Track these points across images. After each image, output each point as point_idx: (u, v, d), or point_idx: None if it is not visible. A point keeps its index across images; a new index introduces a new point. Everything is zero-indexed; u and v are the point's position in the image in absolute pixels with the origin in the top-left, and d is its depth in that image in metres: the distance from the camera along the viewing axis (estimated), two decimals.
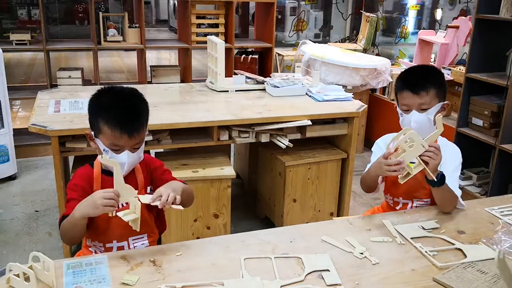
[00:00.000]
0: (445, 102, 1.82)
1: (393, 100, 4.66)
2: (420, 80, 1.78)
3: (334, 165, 3.03)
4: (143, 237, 1.67)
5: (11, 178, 3.82)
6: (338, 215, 3.12)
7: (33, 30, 4.49)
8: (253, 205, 3.45)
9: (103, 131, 1.54)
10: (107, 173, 1.61)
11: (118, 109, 1.55)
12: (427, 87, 1.76)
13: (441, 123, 1.66)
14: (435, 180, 1.64)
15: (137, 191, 1.50)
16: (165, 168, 1.76)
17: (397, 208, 1.92)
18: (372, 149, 1.96)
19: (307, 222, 2.94)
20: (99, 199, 1.41)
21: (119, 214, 1.45)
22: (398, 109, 1.85)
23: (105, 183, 1.60)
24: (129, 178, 1.62)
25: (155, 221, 1.74)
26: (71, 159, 2.92)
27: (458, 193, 1.77)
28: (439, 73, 1.89)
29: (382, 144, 1.90)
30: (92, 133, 1.59)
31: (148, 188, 1.71)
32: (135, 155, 1.58)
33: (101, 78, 4.52)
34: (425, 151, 1.62)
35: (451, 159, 1.80)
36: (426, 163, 1.62)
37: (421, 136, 1.64)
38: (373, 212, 2.09)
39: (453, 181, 1.76)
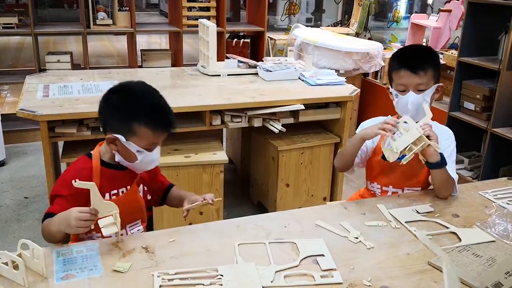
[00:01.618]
0: (440, 84, 1.78)
1: (385, 84, 4.65)
2: (419, 59, 1.73)
3: (327, 150, 3.01)
4: (138, 223, 1.65)
5: (0, 164, 3.77)
6: (331, 200, 3.12)
7: (21, 14, 4.40)
8: (246, 190, 3.43)
9: (140, 133, 1.48)
10: (107, 165, 1.58)
11: (156, 109, 1.50)
12: (426, 67, 1.71)
13: (429, 108, 1.65)
14: (437, 161, 1.62)
15: (117, 209, 1.41)
16: (157, 167, 1.75)
17: None
18: (356, 131, 1.87)
19: (300, 207, 2.94)
20: (74, 219, 1.34)
21: (100, 223, 1.38)
22: (392, 90, 1.79)
23: (104, 176, 1.56)
24: (128, 172, 1.59)
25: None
26: (60, 144, 2.88)
27: (455, 177, 1.75)
28: (436, 54, 1.85)
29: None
30: (120, 136, 1.49)
31: (141, 186, 1.69)
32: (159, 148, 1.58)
33: (90, 62, 4.45)
34: (423, 129, 1.59)
35: (446, 144, 1.78)
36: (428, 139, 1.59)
37: (415, 119, 1.63)
38: (354, 198, 2.01)
39: (450, 165, 1.73)
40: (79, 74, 3.23)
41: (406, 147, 1.61)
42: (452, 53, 3.94)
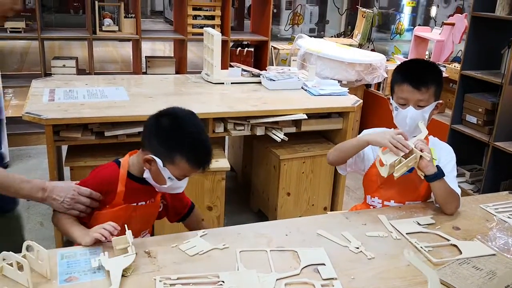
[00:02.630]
0: (440, 101, 1.78)
1: (387, 95, 4.67)
2: (422, 75, 1.73)
3: None
4: (146, 232, 1.73)
5: (3, 166, 3.76)
6: (331, 210, 3.13)
7: (28, 18, 4.43)
8: (247, 198, 3.44)
9: (179, 164, 1.52)
10: (132, 177, 1.62)
11: (200, 147, 1.54)
12: (428, 84, 1.71)
13: (425, 126, 1.67)
14: (434, 173, 1.63)
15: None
16: None
17: None
18: (359, 135, 1.87)
19: (300, 216, 2.95)
20: (94, 231, 1.42)
21: (113, 241, 1.38)
22: (392, 101, 1.79)
23: (128, 187, 1.60)
24: (150, 187, 1.63)
25: None
26: (64, 148, 2.89)
27: (458, 191, 1.75)
28: (439, 71, 1.84)
29: None
30: (158, 160, 1.51)
31: (161, 203, 1.75)
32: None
33: (95, 68, 4.48)
34: (415, 144, 1.62)
35: (446, 160, 1.79)
36: (420, 160, 1.62)
37: (410, 134, 1.68)
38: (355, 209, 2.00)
39: (452, 180, 1.74)
40: (84, 79, 3.25)
41: (396, 159, 1.62)
42: (455, 66, 3.97)
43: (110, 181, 1.59)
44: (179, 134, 1.53)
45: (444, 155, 1.80)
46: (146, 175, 1.58)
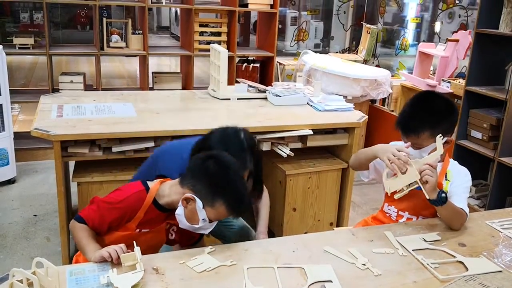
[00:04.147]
0: (447, 139, 1.78)
1: (392, 111, 4.69)
2: (412, 123, 1.79)
3: (334, 175, 3.04)
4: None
5: (10, 181, 3.82)
6: (337, 225, 3.13)
7: (36, 34, 4.50)
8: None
9: (218, 209, 1.55)
10: (157, 205, 1.64)
11: (239, 196, 1.57)
12: (418, 131, 1.76)
13: (441, 144, 1.69)
14: (434, 199, 1.67)
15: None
16: None
17: (400, 221, 1.91)
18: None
19: (306, 232, 2.96)
20: (104, 251, 1.43)
21: (122, 257, 1.40)
22: None
23: (149, 213, 1.62)
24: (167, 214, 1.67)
25: None
26: (71, 163, 2.92)
27: (466, 210, 1.78)
28: (437, 113, 1.79)
29: None
30: (198, 201, 1.54)
31: (172, 232, 1.78)
32: None
33: (102, 83, 4.52)
34: (423, 170, 1.64)
35: (461, 181, 1.84)
36: (425, 183, 1.65)
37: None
38: (365, 223, 2.07)
39: (462, 200, 1.78)
40: (92, 95, 3.29)
41: (393, 178, 1.69)
42: (459, 82, 3.98)
43: (136, 208, 1.61)
44: (224, 181, 1.56)
45: (459, 177, 1.85)
46: (179, 211, 1.59)
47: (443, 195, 1.68)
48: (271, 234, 3.10)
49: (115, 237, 1.61)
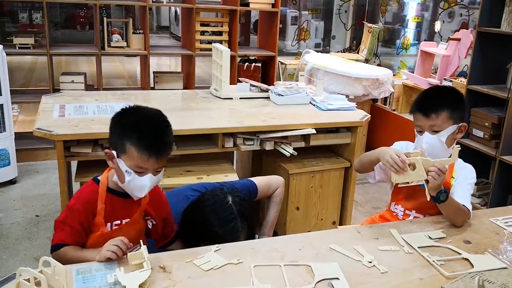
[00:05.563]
0: (462, 124, 1.83)
1: (394, 110, 4.69)
2: (431, 102, 1.82)
3: (337, 174, 3.04)
4: (137, 246, 1.63)
5: (12, 182, 3.81)
6: (340, 224, 3.13)
7: (35, 34, 4.50)
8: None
9: (128, 152, 1.51)
10: (113, 192, 1.62)
11: (147, 131, 1.52)
12: (438, 110, 1.78)
13: (457, 153, 1.70)
14: (434, 196, 1.68)
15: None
16: (169, 210, 1.81)
17: (407, 220, 1.91)
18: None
19: (309, 231, 2.96)
20: (106, 250, 1.42)
21: (129, 255, 1.40)
22: (415, 129, 1.89)
23: (109, 203, 1.60)
24: (132, 201, 1.62)
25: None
26: (73, 163, 2.92)
27: (469, 207, 1.79)
28: (455, 95, 1.89)
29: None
30: (114, 152, 1.54)
31: (149, 222, 1.74)
32: (156, 178, 1.58)
33: (102, 83, 4.52)
34: (429, 171, 1.65)
35: (465, 178, 1.85)
36: (427, 182, 1.66)
37: (432, 157, 1.68)
38: (372, 221, 2.09)
39: (465, 197, 1.79)
40: (93, 95, 3.29)
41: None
42: (461, 81, 3.99)
43: (93, 200, 1.58)
44: (128, 120, 1.54)
45: (463, 174, 1.87)
46: (115, 177, 1.57)
47: (443, 194, 1.68)
48: (274, 233, 3.10)
49: (92, 241, 1.59)
